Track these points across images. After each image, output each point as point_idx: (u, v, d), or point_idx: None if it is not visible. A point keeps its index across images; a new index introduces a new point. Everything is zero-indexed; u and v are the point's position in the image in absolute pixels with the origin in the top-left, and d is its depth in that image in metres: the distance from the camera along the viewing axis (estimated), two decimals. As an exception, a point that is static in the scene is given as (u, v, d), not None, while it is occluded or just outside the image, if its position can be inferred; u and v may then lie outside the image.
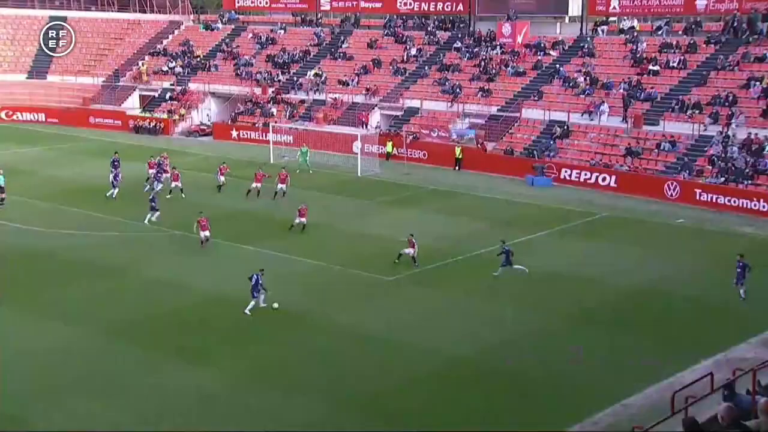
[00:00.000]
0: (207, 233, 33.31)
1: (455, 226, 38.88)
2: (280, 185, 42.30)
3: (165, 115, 64.27)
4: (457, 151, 52.21)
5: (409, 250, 31.79)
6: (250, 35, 70.98)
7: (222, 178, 44.38)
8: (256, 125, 60.30)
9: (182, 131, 63.81)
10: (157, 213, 37.15)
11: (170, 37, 73.90)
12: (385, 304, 28.61)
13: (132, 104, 67.89)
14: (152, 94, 67.84)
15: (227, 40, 71.04)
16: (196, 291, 29.16)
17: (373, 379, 22.64)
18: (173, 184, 42.88)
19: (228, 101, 65.47)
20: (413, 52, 62.65)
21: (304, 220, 36.42)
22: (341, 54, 65.27)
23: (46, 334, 25.24)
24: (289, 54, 66.82)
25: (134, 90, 68.67)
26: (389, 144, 54.58)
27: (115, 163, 44.78)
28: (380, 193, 45.42)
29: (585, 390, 22.21)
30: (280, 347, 24.74)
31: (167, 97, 66.43)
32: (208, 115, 65.36)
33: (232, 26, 73.09)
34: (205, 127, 63.76)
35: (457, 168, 51.94)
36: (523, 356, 24.05)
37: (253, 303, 26.61)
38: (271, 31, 70.75)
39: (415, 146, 54.09)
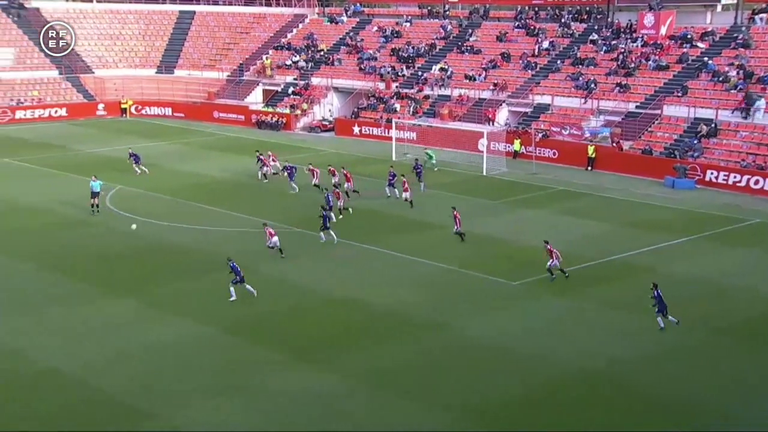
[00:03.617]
0: (276, 239, 31.28)
1: (586, 229, 36.25)
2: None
3: (287, 110, 63.56)
4: (590, 150, 48.82)
5: (551, 261, 28.94)
6: (375, 28, 69.47)
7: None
8: (379, 121, 58.61)
9: (304, 126, 62.94)
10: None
11: (294, 30, 73.40)
12: (509, 310, 26.75)
13: (255, 99, 67.71)
14: (275, 88, 67.40)
15: (351, 34, 69.80)
16: (316, 290, 28.19)
17: (492, 388, 21.54)
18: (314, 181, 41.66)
19: (350, 96, 64.11)
20: (545, 45, 59.33)
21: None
22: (468, 47, 62.70)
23: (173, 329, 24.80)
24: (414, 48, 64.80)
25: (258, 84, 68.47)
26: (517, 142, 51.80)
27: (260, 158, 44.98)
28: (506, 192, 42.95)
29: (719, 416, 19.72)
30: (400, 351, 23.51)
31: (290, 91, 65.76)
32: (330, 110, 64.25)
33: (357, 19, 71.82)
34: (327, 123, 62.65)
35: (589, 168, 48.57)
36: (657, 374, 22.10)
37: (232, 290, 26.70)
38: (397, 23, 68.99)
39: (544, 144, 51.04)
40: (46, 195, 40.68)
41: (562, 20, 61.41)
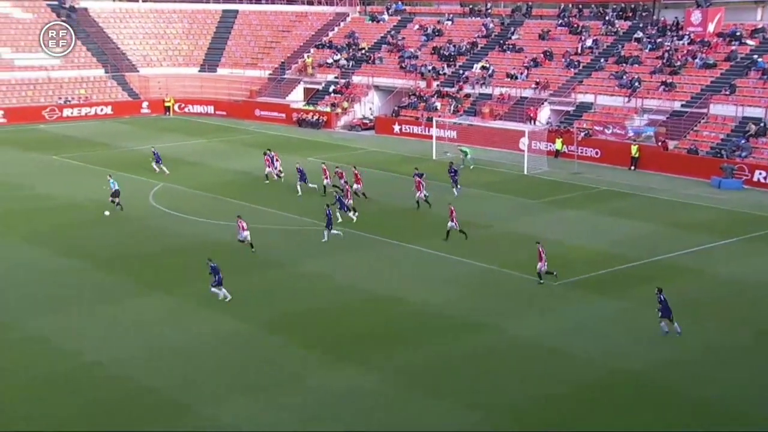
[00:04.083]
0: (246, 234, 31.45)
1: (630, 229, 35.68)
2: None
3: (328, 109, 63.70)
4: (634, 149, 48.09)
5: (539, 265, 28.52)
6: (417, 27, 69.28)
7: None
8: (420, 120, 58.44)
9: (344, 125, 63.01)
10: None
11: (336, 29, 73.54)
12: (550, 310, 26.39)
13: (296, 97, 67.97)
14: (316, 87, 67.60)
15: (393, 32, 69.70)
16: (356, 288, 28.14)
17: (531, 388, 21.18)
18: (325, 181, 40.67)
19: (391, 95, 64.03)
20: (589, 43, 58.60)
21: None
22: (510, 46, 62.20)
23: (213, 325, 24.90)
24: (455, 46, 64.49)
25: (299, 83, 68.74)
26: (558, 141, 51.23)
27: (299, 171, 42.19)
28: (547, 192, 42.47)
29: (764, 418, 19.02)
30: (439, 350, 23.32)
31: (331, 90, 65.91)
32: (370, 108, 64.24)
33: (399, 17, 71.70)
34: (368, 121, 62.65)
35: (632, 167, 47.86)
36: (699, 375, 21.70)
37: (219, 291, 26.38)
38: (438, 22, 68.71)
39: (586, 143, 50.40)
40: (89, 192, 41.24)
41: (606, 18, 60.59)
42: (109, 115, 66.73)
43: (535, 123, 54.04)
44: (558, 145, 51.16)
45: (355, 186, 38.96)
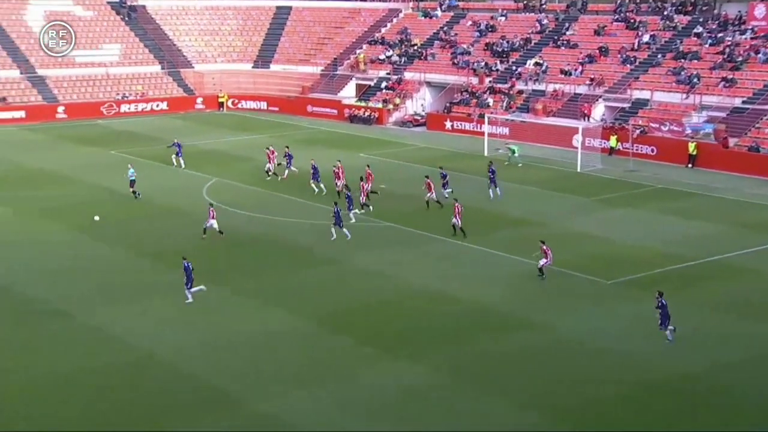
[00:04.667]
0: (213, 222, 32.57)
1: (687, 228, 34.99)
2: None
3: (380, 105, 63.68)
4: (691, 146, 47.05)
5: (542, 261, 28.18)
6: (470, 23, 68.80)
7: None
8: (472, 116, 58.04)
9: (396, 121, 62.92)
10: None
11: (388, 25, 73.43)
12: (603, 309, 26.03)
13: (348, 93, 68.06)
14: (368, 83, 67.61)
15: (446, 28, 69.32)
16: (408, 284, 28.10)
17: (582, 388, 20.91)
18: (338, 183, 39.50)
19: (443, 91, 63.71)
20: (646, 38, 57.47)
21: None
22: (565, 42, 61.36)
23: (265, 319, 25.15)
24: (508, 42, 63.86)
25: (351, 79, 68.83)
26: (613, 138, 50.40)
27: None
28: (601, 190, 41.81)
29: None
30: (489, 348, 23.21)
31: (383, 86, 65.87)
32: (422, 104, 64.02)
33: (452, 13, 71.26)
34: (419, 117, 62.45)
35: (690, 165, 46.85)
36: (760, 378, 21.19)
37: (191, 291, 26.14)
38: (492, 18, 68.12)
39: (642, 141, 49.47)
40: (145, 186, 41.90)
41: (665, 13, 59.35)
42: (165, 110, 67.76)
43: (589, 120, 53.20)
44: (612, 142, 50.30)
45: (368, 185, 38.30)
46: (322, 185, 40.05)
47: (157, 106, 67.94)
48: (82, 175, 44.31)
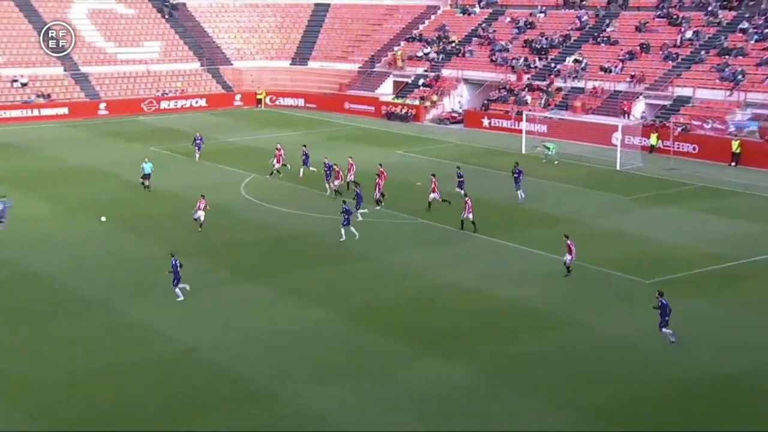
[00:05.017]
0: (201, 213, 33.52)
1: (729, 228, 34.39)
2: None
3: (417, 102, 63.53)
4: (735, 144, 46.24)
5: (567, 257, 27.88)
6: (508, 19, 68.31)
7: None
8: (509, 113, 57.63)
9: (433, 118, 62.72)
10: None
11: (427, 22, 73.22)
12: (642, 309, 25.41)
13: (385, 90, 68.02)
14: (405, 80, 67.48)
15: (484, 25, 68.89)
16: (444, 281, 27.97)
17: (622, 388, 20.65)
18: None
19: (481, 88, 63.35)
20: (689, 35, 56.54)
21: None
22: (605, 38, 60.62)
23: (303, 315, 25.23)
24: (548, 39, 63.26)
25: (388, 76, 68.77)
26: (654, 136, 49.69)
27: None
28: (640, 188, 41.25)
29: None
30: (527, 347, 23.02)
31: (420, 83, 65.69)
32: (459, 102, 63.73)
33: (490, 10, 70.79)
34: (456, 115, 62.19)
35: (733, 164, 46.03)
36: None
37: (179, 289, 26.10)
38: (531, 14, 67.53)
39: (684, 138, 48.68)
40: (183, 182, 42.35)
41: (709, 8, 58.28)
42: (204, 107, 68.37)
43: (629, 117, 52.50)
44: (653, 140, 49.58)
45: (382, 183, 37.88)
46: (331, 185, 39.57)
47: (196, 102, 68.58)
48: (123, 171, 44.80)
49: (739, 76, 50.53)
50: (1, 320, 24.93)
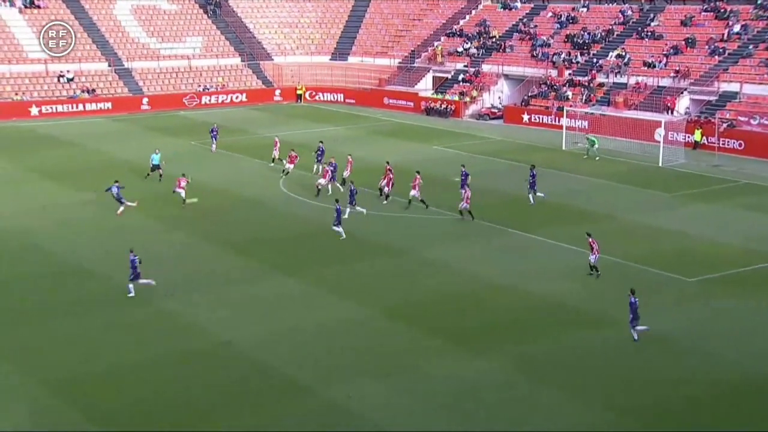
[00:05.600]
0: (181, 191, 36.24)
1: (774, 226, 33.28)
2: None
3: (456, 97, 63.19)
4: (782, 141, 45.08)
5: (591, 257, 27.30)
6: (550, 14, 67.55)
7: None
8: (550, 109, 57.01)
9: (472, 114, 62.33)
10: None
11: (467, 17, 72.73)
12: (683, 308, 25.22)
13: (425, 86, 67.79)
14: (445, 75, 67.16)
15: (525, 20, 68.24)
16: (477, 276, 27.82)
17: (662, 388, 20.28)
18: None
19: (521, 84, 62.78)
20: (736, 29, 55.33)
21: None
22: (649, 33, 59.60)
23: (336, 309, 25.25)
24: (590, 34, 62.42)
25: (428, 71, 68.50)
26: (698, 132, 48.75)
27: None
28: (683, 185, 40.52)
29: None
30: (562, 343, 22.75)
31: (460, 78, 65.33)
32: (499, 97, 63.23)
33: (532, 5, 70.11)
34: (496, 110, 61.71)
35: (780, 161, 44.93)
36: None
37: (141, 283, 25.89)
38: (573, 9, 66.70)
39: (729, 135, 47.71)
40: (223, 176, 42.63)
41: (758, 1, 56.93)
42: (244, 102, 68.81)
43: (672, 113, 51.59)
44: (697, 136, 48.66)
45: (382, 182, 37.55)
46: (332, 186, 39.04)
47: (237, 97, 69.05)
48: (165, 166, 45.26)
49: (788, 71, 49.39)
50: (54, 308, 25.33)
